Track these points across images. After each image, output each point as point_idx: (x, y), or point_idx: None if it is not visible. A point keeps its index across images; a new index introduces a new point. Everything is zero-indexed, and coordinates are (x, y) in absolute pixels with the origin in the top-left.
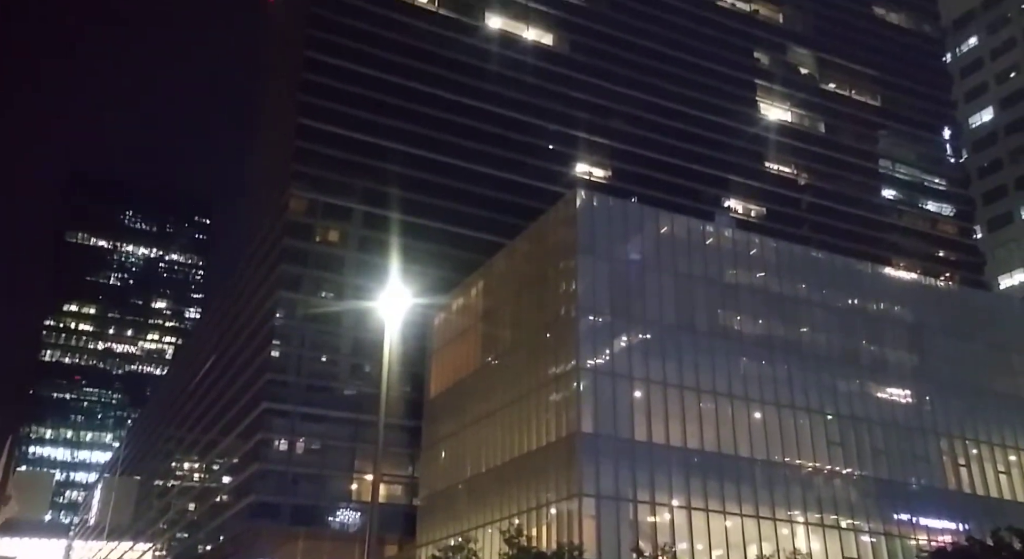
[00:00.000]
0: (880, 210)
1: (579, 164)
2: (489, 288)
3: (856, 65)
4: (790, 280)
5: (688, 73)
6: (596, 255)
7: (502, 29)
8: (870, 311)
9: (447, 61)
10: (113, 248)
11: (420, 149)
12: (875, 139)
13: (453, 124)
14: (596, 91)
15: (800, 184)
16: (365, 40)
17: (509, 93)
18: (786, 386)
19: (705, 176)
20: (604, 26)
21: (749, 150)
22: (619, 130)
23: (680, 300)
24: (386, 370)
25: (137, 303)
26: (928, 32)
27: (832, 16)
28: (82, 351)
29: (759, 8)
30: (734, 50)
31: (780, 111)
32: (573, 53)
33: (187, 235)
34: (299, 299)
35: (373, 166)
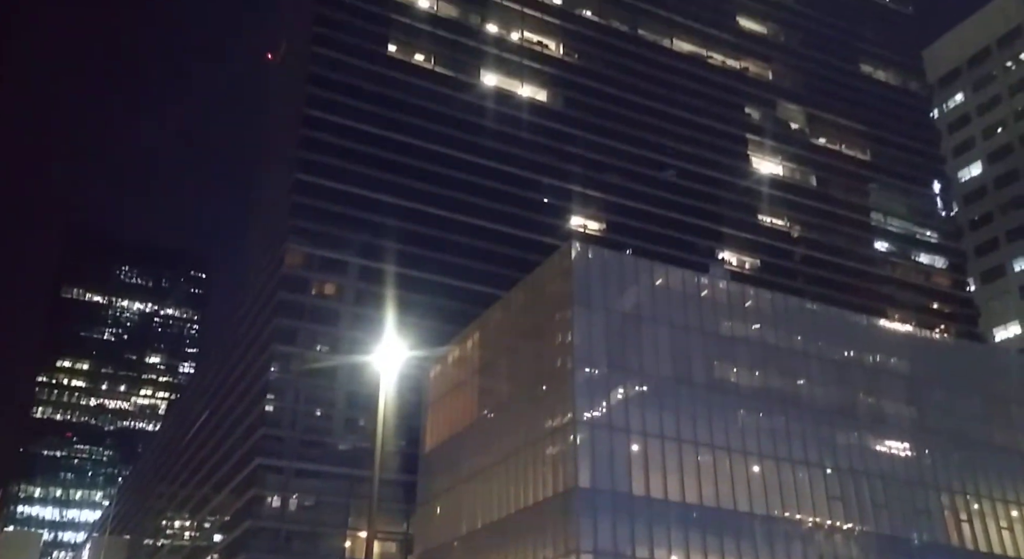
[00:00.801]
0: (873, 262)
1: (574, 217)
2: (485, 340)
3: (845, 120)
4: (786, 332)
5: (681, 128)
6: (592, 307)
7: (497, 86)
8: (866, 363)
9: (443, 117)
10: (108, 303)
11: (416, 202)
12: (866, 192)
13: (449, 178)
14: (590, 145)
15: (793, 236)
16: (363, 97)
17: (504, 148)
18: (784, 439)
19: (699, 228)
20: (597, 83)
21: (742, 203)
22: (613, 183)
23: (676, 352)
24: (381, 424)
25: (131, 358)
26: (915, 89)
27: (820, 73)
28: (74, 407)
29: (749, 65)
30: (725, 105)
31: (772, 165)
32: (567, 109)
33: (183, 290)
34: (294, 353)
35: (370, 220)
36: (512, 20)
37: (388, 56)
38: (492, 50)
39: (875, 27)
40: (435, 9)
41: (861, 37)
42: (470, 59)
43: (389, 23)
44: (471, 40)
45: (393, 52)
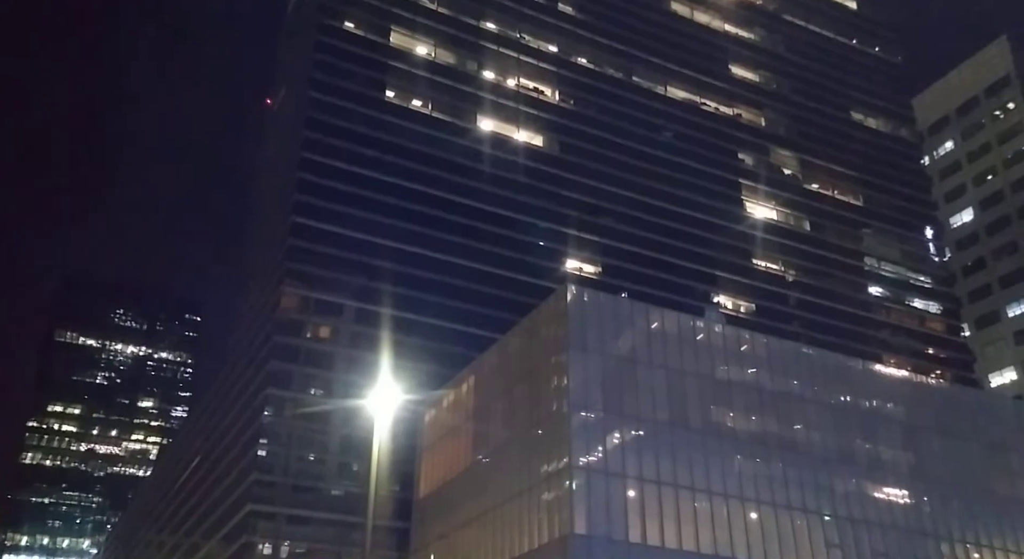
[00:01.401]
0: (868, 307)
1: (569, 260)
2: (480, 384)
3: (837, 166)
4: (782, 376)
5: (675, 172)
6: (587, 350)
7: (494, 131)
8: (863, 409)
9: (440, 161)
10: (102, 346)
11: (412, 245)
12: (859, 237)
13: (445, 221)
14: (586, 189)
15: (788, 281)
16: (360, 142)
17: (500, 191)
18: (782, 485)
19: (694, 272)
20: (592, 128)
21: (737, 247)
22: (609, 227)
23: (672, 396)
24: (375, 469)
25: (123, 402)
26: (905, 136)
27: (812, 120)
28: (64, 453)
29: (742, 112)
30: (719, 151)
31: (766, 209)
32: (563, 153)
33: (177, 333)
34: (288, 397)
35: (365, 263)
36: (508, 67)
37: (386, 101)
38: (489, 96)
39: (865, 76)
40: (433, 56)
41: (851, 85)
42: (467, 104)
43: (387, 69)
44: (468, 86)
45: (391, 97)
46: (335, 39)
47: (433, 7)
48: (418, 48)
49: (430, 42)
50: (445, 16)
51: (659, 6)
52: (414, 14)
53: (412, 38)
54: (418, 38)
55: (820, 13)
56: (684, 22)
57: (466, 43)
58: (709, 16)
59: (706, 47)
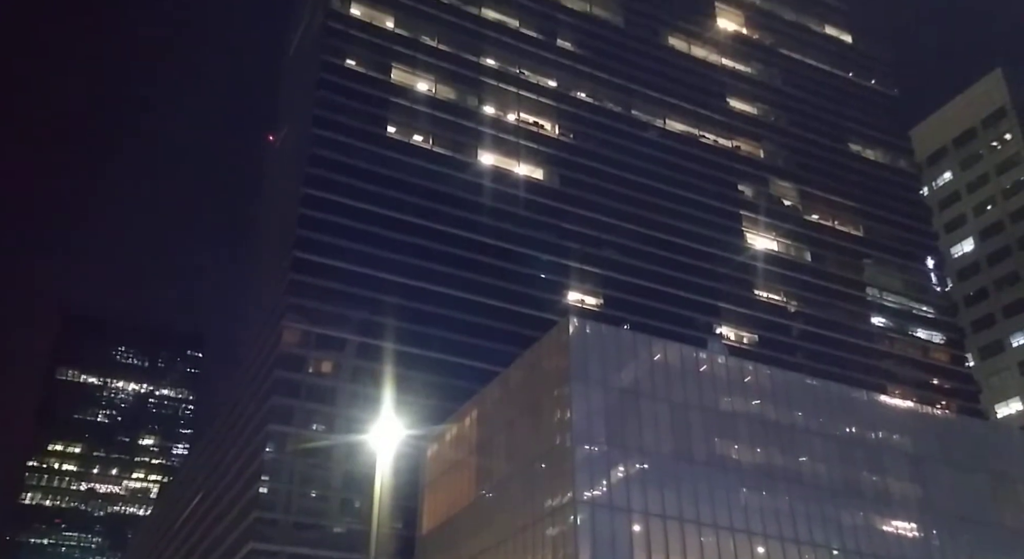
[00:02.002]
0: (871, 337)
1: (571, 292)
2: (483, 417)
3: (837, 197)
4: (786, 408)
5: (675, 204)
6: (590, 383)
7: (494, 165)
8: (869, 440)
9: (441, 195)
10: (103, 384)
11: (414, 279)
12: (861, 268)
13: (447, 255)
14: (586, 222)
15: (790, 311)
16: (362, 177)
17: (501, 225)
18: (788, 519)
19: (696, 303)
20: (592, 161)
21: (738, 278)
22: (610, 259)
23: (676, 428)
24: (377, 505)
25: (124, 440)
26: (903, 167)
27: (810, 152)
28: (64, 493)
29: (740, 144)
30: (718, 183)
31: (766, 240)
32: (563, 186)
33: (179, 369)
34: (290, 433)
35: (367, 297)
36: (508, 101)
37: (387, 137)
38: (489, 130)
39: (862, 108)
40: (433, 91)
41: (849, 117)
42: (467, 139)
43: (388, 105)
44: (469, 121)
45: (392, 133)
46: (336, 76)
47: (434, 44)
48: (419, 84)
49: (431, 78)
50: (445, 53)
51: (656, 41)
52: (415, 51)
53: (413, 74)
54: (419, 74)
55: (816, 47)
56: (681, 56)
57: (466, 79)
58: (706, 50)
59: (704, 81)
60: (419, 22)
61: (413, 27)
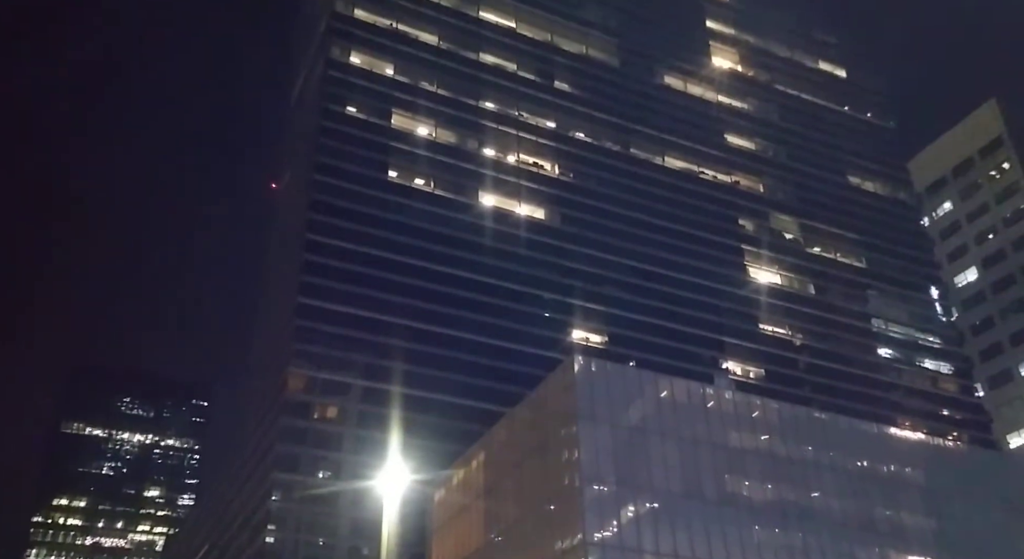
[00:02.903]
0: (879, 369)
1: (575, 330)
2: (490, 460)
3: (838, 229)
4: (796, 443)
5: (676, 240)
6: (597, 422)
7: (496, 205)
8: (881, 474)
9: (444, 237)
10: (108, 436)
11: (418, 322)
12: (865, 299)
13: (451, 296)
14: (589, 260)
15: (796, 345)
16: (364, 221)
17: (504, 265)
18: (802, 555)
19: (701, 339)
20: (593, 199)
21: (742, 312)
22: (613, 296)
23: (686, 466)
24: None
25: (129, 493)
26: (903, 198)
27: (810, 185)
28: (69, 548)
29: (740, 179)
30: (719, 218)
31: (769, 274)
32: (565, 225)
33: (184, 419)
34: (296, 480)
35: (372, 341)
36: (508, 143)
37: (389, 181)
38: (490, 172)
39: (859, 141)
40: (434, 135)
41: (847, 150)
42: (469, 181)
43: (389, 150)
44: (469, 163)
45: (394, 177)
46: (338, 123)
47: (433, 89)
48: (419, 129)
49: (431, 122)
50: (445, 97)
51: (652, 80)
52: (415, 96)
53: (413, 119)
54: (419, 119)
55: (811, 82)
56: (678, 94)
57: (466, 122)
58: (702, 88)
59: (701, 118)
60: (418, 68)
61: (412, 73)
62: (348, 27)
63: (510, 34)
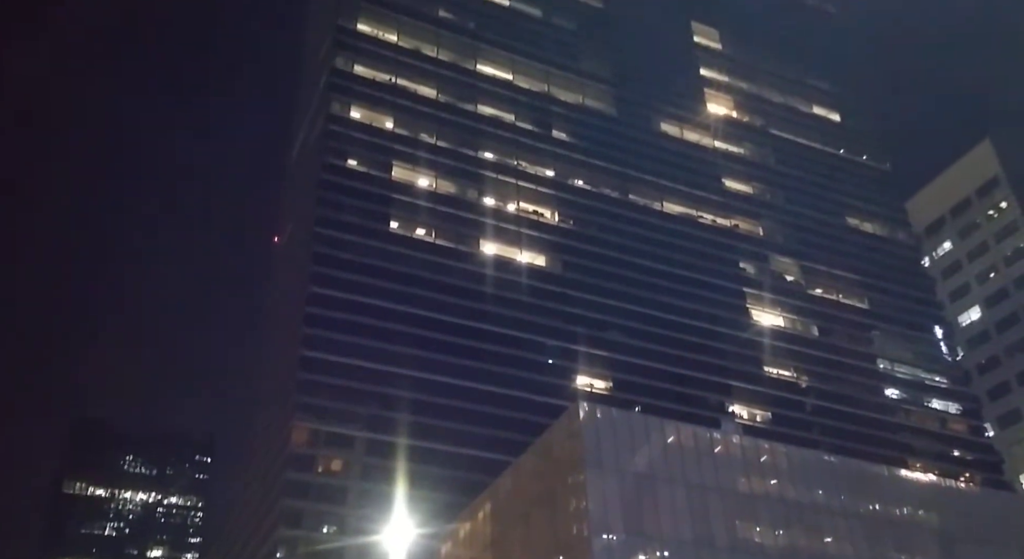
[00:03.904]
0: (886, 410)
1: (580, 377)
2: (496, 511)
3: (839, 271)
4: (806, 487)
5: (678, 284)
6: (604, 469)
7: (497, 254)
8: (894, 518)
9: (445, 286)
10: (111, 496)
11: (422, 372)
12: (869, 340)
13: (454, 346)
14: (591, 306)
15: (802, 387)
16: (366, 272)
17: (507, 312)
18: None
19: (706, 383)
20: (594, 246)
21: (747, 356)
22: (617, 342)
23: (695, 513)
24: None
25: (132, 553)
26: (902, 239)
27: (809, 227)
28: None
29: (739, 223)
30: (720, 261)
31: (772, 316)
32: (566, 272)
33: (187, 476)
34: (300, 536)
35: (376, 392)
36: (508, 192)
37: (390, 232)
38: (490, 221)
39: (856, 183)
40: (434, 186)
41: (844, 192)
42: (470, 230)
43: (390, 202)
44: (470, 213)
45: (395, 228)
46: (338, 176)
47: (432, 141)
48: (420, 180)
49: (431, 173)
50: (445, 149)
51: (649, 127)
52: (415, 149)
53: (414, 171)
54: (419, 170)
55: (805, 126)
56: (675, 141)
57: (466, 173)
58: (698, 134)
59: (698, 163)
60: (418, 121)
61: (412, 126)
62: (348, 83)
63: (507, 86)
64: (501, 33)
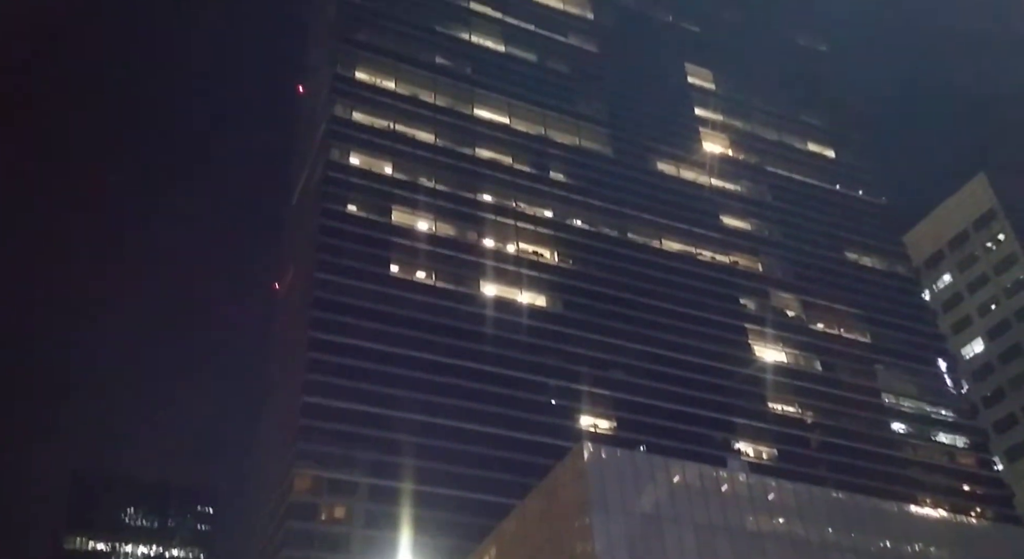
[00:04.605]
0: (893, 445)
1: (583, 417)
2: (502, 554)
3: (840, 305)
4: (816, 525)
5: (679, 322)
6: (610, 510)
7: (497, 295)
8: (905, 554)
9: (447, 329)
10: (112, 550)
11: (424, 415)
12: (873, 374)
13: (456, 388)
14: (593, 345)
15: (807, 423)
16: (367, 317)
17: (509, 353)
18: None
19: (710, 420)
20: (594, 285)
21: (751, 392)
22: (620, 381)
23: (703, 553)
24: None
25: None
26: (902, 272)
27: (808, 263)
28: None
29: (738, 259)
30: (720, 298)
31: (774, 352)
32: (567, 311)
33: (189, 527)
34: None
35: (378, 437)
36: (507, 234)
37: (391, 276)
38: (490, 262)
39: (853, 217)
40: (434, 229)
41: (841, 227)
42: (470, 272)
43: (390, 246)
44: (469, 255)
45: (395, 272)
46: (338, 221)
47: (431, 185)
48: (419, 224)
49: (430, 217)
50: (443, 192)
51: (645, 167)
52: (414, 193)
53: (413, 215)
54: (419, 214)
55: (800, 163)
56: (671, 179)
57: (465, 215)
58: (695, 173)
59: (695, 201)
60: (416, 166)
61: (411, 171)
62: (347, 130)
63: (504, 129)
64: (497, 78)
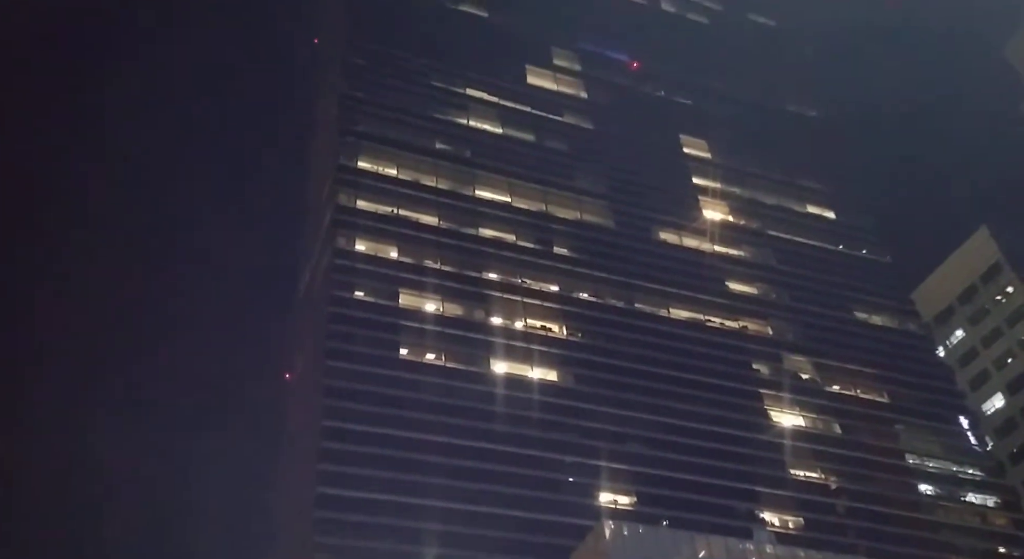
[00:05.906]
0: (922, 508)
1: (602, 493)
2: None
3: (854, 365)
4: None
5: (693, 390)
6: None
7: (507, 372)
8: None
9: (458, 409)
10: None
11: (440, 500)
12: (895, 435)
13: (471, 470)
14: (608, 419)
15: (832, 488)
16: (379, 402)
17: (522, 431)
18: None
19: (733, 491)
20: (603, 357)
21: (771, 459)
22: (637, 454)
23: None
24: None
25: None
26: (913, 329)
27: (818, 324)
28: None
29: (747, 324)
30: (732, 364)
31: (791, 416)
32: (579, 385)
33: None
34: None
35: (395, 525)
36: (515, 310)
37: (401, 359)
38: (499, 340)
39: (859, 277)
40: (441, 310)
41: (848, 287)
42: (479, 351)
43: (399, 329)
44: (478, 333)
45: (405, 355)
46: (346, 308)
47: (437, 266)
48: (427, 305)
49: (437, 298)
50: (449, 273)
51: (647, 237)
52: (420, 275)
53: (420, 297)
54: (426, 296)
55: (802, 225)
56: (674, 248)
57: (471, 294)
58: (697, 240)
59: (700, 268)
60: (421, 248)
61: (416, 254)
62: (352, 217)
63: (506, 208)
64: (496, 158)
